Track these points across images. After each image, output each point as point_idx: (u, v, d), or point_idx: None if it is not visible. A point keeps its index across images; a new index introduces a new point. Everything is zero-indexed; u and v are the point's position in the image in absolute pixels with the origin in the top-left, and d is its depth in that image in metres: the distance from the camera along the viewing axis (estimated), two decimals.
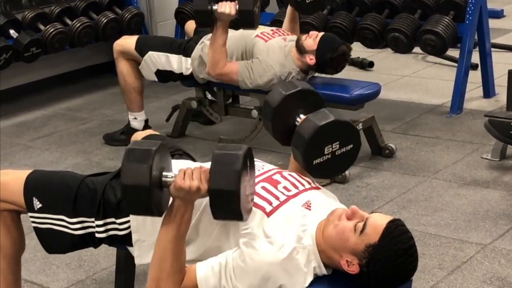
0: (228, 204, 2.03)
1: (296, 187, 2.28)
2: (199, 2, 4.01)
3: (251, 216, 2.15)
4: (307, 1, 4.39)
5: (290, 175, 2.34)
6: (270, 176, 2.30)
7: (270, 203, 2.19)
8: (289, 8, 4.58)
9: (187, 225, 2.14)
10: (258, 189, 2.23)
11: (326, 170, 2.44)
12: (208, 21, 4.05)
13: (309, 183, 2.34)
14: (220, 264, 2.12)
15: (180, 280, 2.14)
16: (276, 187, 2.25)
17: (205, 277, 2.13)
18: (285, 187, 2.26)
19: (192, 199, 2.10)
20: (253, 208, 2.17)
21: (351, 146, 2.43)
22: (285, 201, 2.21)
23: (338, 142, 2.40)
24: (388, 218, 2.09)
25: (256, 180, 2.25)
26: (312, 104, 2.51)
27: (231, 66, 4.23)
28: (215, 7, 3.97)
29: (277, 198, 2.22)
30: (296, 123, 2.49)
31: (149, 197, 2.04)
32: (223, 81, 4.31)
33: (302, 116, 2.49)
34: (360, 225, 2.07)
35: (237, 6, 3.97)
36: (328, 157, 2.39)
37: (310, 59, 4.17)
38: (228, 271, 2.10)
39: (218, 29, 4.07)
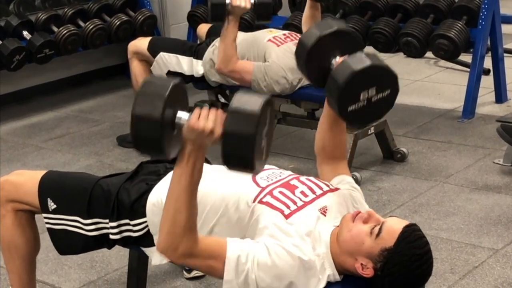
0: (242, 150, 1.87)
1: (314, 192, 2.27)
2: None
3: (270, 217, 2.15)
4: None
5: (307, 179, 2.33)
6: (287, 182, 2.30)
7: (288, 207, 2.19)
8: None
9: (200, 174, 2.01)
10: (276, 193, 2.23)
11: (361, 118, 2.28)
12: (222, 15, 4.00)
13: (327, 185, 2.34)
14: (249, 250, 2.07)
15: (195, 240, 2.03)
16: (293, 192, 2.25)
17: (236, 258, 2.05)
18: (302, 192, 2.26)
19: (204, 143, 1.94)
20: (272, 210, 2.17)
21: (389, 91, 2.24)
22: (302, 206, 2.21)
23: (375, 88, 2.22)
24: (405, 222, 2.10)
25: (274, 185, 2.26)
26: (349, 45, 2.33)
27: (244, 64, 4.16)
28: (228, 1, 3.92)
29: (294, 202, 2.22)
30: (331, 66, 2.31)
31: (160, 133, 1.88)
32: (233, 78, 4.22)
33: (338, 58, 2.31)
34: (376, 229, 2.07)
35: (252, 0, 3.97)
36: (364, 104, 2.22)
37: None
38: (255, 259, 2.06)
39: (230, 23, 4.00)
